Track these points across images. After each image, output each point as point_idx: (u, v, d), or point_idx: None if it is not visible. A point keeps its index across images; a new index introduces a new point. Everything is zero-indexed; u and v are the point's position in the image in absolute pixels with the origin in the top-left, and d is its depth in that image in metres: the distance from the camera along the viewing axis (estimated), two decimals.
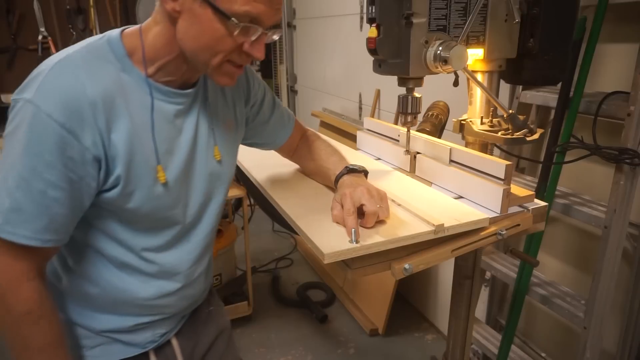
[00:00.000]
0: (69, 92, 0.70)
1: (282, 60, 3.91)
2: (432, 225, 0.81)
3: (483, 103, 1.08)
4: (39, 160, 0.69)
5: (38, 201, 0.70)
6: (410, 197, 0.95)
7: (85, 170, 0.73)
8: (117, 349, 0.90)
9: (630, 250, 1.40)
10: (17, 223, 0.70)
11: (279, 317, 2.52)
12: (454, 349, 1.23)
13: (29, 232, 0.71)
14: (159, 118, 0.79)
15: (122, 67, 0.76)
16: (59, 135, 0.69)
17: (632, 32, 1.34)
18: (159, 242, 0.86)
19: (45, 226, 0.72)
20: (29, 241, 0.71)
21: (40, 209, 0.71)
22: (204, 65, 0.77)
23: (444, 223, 0.81)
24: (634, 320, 1.42)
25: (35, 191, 0.70)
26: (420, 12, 0.87)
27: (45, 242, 0.73)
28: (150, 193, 0.80)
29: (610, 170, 1.30)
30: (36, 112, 0.68)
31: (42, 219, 0.71)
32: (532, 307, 1.81)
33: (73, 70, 0.72)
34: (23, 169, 0.69)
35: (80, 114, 0.70)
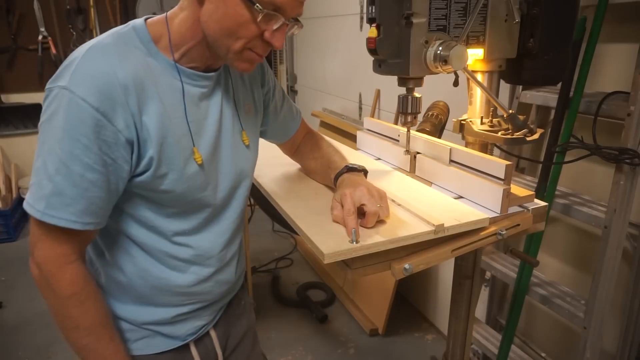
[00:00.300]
0: (101, 77, 0.72)
1: (282, 60, 3.91)
2: (432, 225, 0.81)
3: (483, 103, 1.08)
4: (76, 144, 0.71)
5: (78, 184, 0.72)
6: (410, 197, 0.95)
7: (118, 153, 0.74)
8: (159, 341, 0.93)
9: (630, 250, 1.40)
10: (59, 207, 0.72)
11: (279, 317, 2.52)
12: (454, 349, 1.23)
13: (70, 215, 0.73)
14: (187, 101, 0.82)
15: (149, 52, 0.79)
16: (93, 119, 0.71)
17: (632, 32, 1.34)
18: (190, 226, 0.87)
19: (85, 209, 0.74)
20: (71, 224, 0.73)
21: (79, 192, 0.73)
22: (225, 50, 0.78)
23: (444, 223, 0.81)
24: (634, 320, 1.42)
25: (74, 174, 0.72)
26: (420, 12, 0.87)
27: (85, 225, 0.75)
28: (183, 175, 0.81)
29: (610, 170, 1.30)
30: (71, 98, 0.70)
31: (82, 202, 0.73)
32: (532, 307, 1.81)
33: (104, 56, 0.74)
34: (62, 153, 0.71)
35: (112, 97, 0.72)
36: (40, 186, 0.73)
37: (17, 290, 2.81)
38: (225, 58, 0.80)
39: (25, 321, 2.51)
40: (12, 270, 2.99)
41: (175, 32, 0.80)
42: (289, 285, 2.83)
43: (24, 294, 2.76)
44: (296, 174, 1.15)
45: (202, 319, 0.97)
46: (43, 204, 0.72)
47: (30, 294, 2.73)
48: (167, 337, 0.93)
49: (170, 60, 0.80)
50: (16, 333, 2.42)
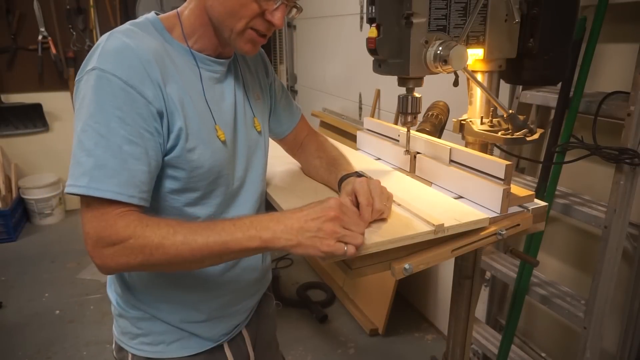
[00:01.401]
0: (127, 52, 0.75)
1: (282, 60, 3.91)
2: (432, 225, 0.81)
3: (483, 103, 1.08)
4: (111, 116, 0.73)
5: (118, 156, 0.73)
6: (410, 197, 0.95)
7: (152, 125, 0.76)
8: (194, 343, 0.94)
9: (630, 250, 1.40)
10: (102, 179, 0.72)
11: (279, 317, 2.51)
12: (454, 349, 1.23)
13: (115, 186, 0.72)
14: (204, 82, 0.86)
15: (164, 39, 0.84)
16: (125, 92, 0.73)
17: (632, 32, 1.34)
18: (214, 210, 0.89)
19: (127, 181, 0.74)
20: (116, 196, 0.73)
21: (120, 163, 0.73)
22: (229, 32, 0.82)
23: (444, 223, 0.81)
24: (634, 320, 1.42)
25: (114, 146, 0.73)
26: (420, 12, 0.87)
27: (130, 198, 0.74)
28: (211, 148, 0.84)
29: (610, 170, 1.30)
30: (101, 75, 0.73)
31: (124, 174, 0.73)
32: (532, 307, 1.81)
33: (126, 36, 0.78)
34: (99, 126, 0.72)
35: (139, 70, 0.75)
36: (80, 163, 0.73)
37: (17, 290, 2.81)
38: (230, 40, 0.84)
39: (25, 321, 2.50)
40: (12, 270, 2.99)
41: (186, 22, 0.85)
42: (289, 285, 2.83)
43: (24, 294, 2.76)
44: (295, 173, 1.15)
45: (236, 317, 0.99)
46: (86, 179, 0.72)
47: (30, 294, 2.73)
48: (202, 339, 0.95)
49: (185, 46, 0.85)
50: (16, 333, 2.42)
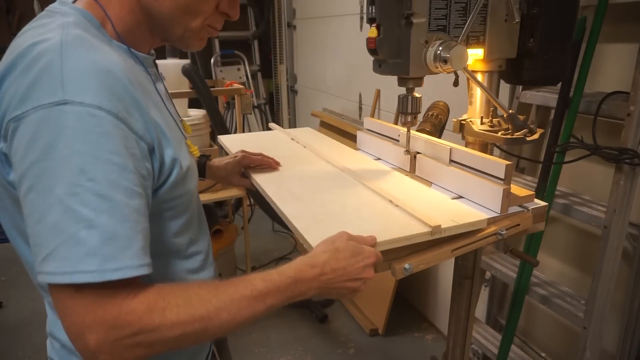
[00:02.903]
0: (104, 74, 0.58)
1: (282, 60, 3.91)
2: (428, 227, 0.81)
3: (483, 103, 1.08)
4: (109, 166, 0.56)
5: (127, 217, 0.56)
6: (407, 197, 0.94)
7: (145, 167, 0.61)
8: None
9: (630, 250, 1.40)
10: (117, 255, 0.55)
11: (279, 317, 2.52)
12: (454, 349, 1.23)
13: (132, 259, 0.56)
14: (159, 91, 0.75)
15: (105, 39, 0.67)
16: (118, 129, 0.57)
17: (632, 32, 1.34)
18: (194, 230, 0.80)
19: (143, 246, 0.58)
20: (137, 271, 0.57)
21: (132, 226, 0.57)
22: (182, 30, 0.71)
23: (441, 224, 0.81)
24: (634, 320, 1.41)
25: (120, 206, 0.56)
26: (420, 12, 0.87)
27: (149, 268, 0.59)
28: (193, 167, 0.77)
29: (610, 170, 1.30)
30: (81, 111, 0.55)
31: (138, 238, 0.58)
32: (532, 307, 1.81)
33: (86, 48, 0.60)
34: (95, 185, 0.55)
35: (123, 97, 0.59)
36: (78, 241, 0.54)
37: (17, 290, 2.81)
38: (180, 38, 0.73)
39: (25, 321, 2.51)
40: (12, 270, 3.00)
41: (116, 16, 0.68)
42: None
43: (24, 294, 2.76)
44: (293, 171, 1.15)
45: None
46: (96, 260, 0.54)
47: (30, 294, 2.73)
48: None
49: (124, 45, 0.70)
50: (16, 333, 2.42)
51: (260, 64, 4.18)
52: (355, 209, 0.91)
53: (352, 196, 0.97)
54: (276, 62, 3.99)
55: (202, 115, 2.37)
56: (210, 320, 0.60)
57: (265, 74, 4.19)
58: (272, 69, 4.11)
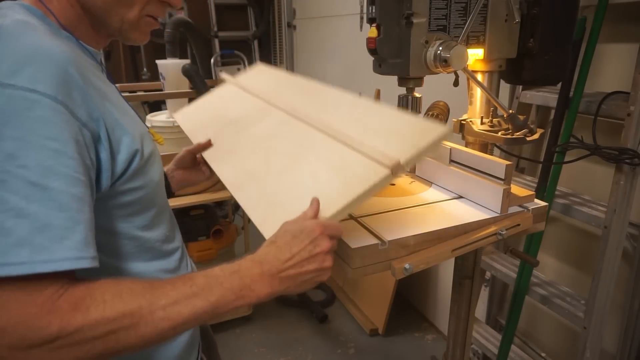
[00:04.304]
0: (44, 55, 0.55)
1: (282, 60, 3.91)
2: (386, 167, 0.71)
3: (483, 103, 1.08)
4: (43, 152, 0.52)
5: (65, 206, 0.53)
6: (365, 128, 0.83)
7: (88, 156, 0.58)
8: None
9: (630, 250, 1.40)
10: (50, 246, 0.51)
11: (279, 317, 2.52)
12: (454, 349, 1.23)
13: (70, 251, 0.52)
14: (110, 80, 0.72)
15: (50, 29, 0.65)
16: (57, 113, 0.54)
17: (632, 32, 1.34)
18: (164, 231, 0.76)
19: (85, 237, 0.54)
20: (75, 263, 0.53)
21: (70, 215, 0.53)
22: (118, 22, 0.68)
23: (401, 158, 0.70)
24: (634, 320, 1.42)
25: (56, 194, 0.52)
26: (420, 12, 0.88)
27: (92, 261, 0.55)
28: (157, 154, 0.73)
29: (610, 170, 1.30)
30: (12, 94, 0.52)
31: (78, 229, 0.54)
32: (532, 307, 1.81)
33: (28, 29, 0.58)
34: (26, 171, 0.51)
35: (66, 80, 0.56)
36: (4, 231, 0.49)
37: None
38: (121, 31, 0.69)
39: None
40: None
41: (57, 11, 0.66)
42: None
43: None
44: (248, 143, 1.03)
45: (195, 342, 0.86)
46: (25, 251, 0.50)
47: None
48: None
49: (72, 37, 0.67)
50: None
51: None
52: (312, 173, 0.82)
53: (308, 153, 0.88)
54: (276, 62, 3.99)
55: None
56: (142, 318, 0.54)
57: None
58: None
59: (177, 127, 2.24)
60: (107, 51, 4.04)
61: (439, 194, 1.00)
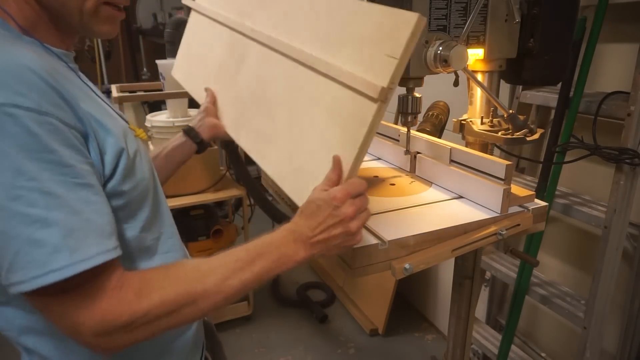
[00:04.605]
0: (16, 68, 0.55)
1: None
2: (374, 101, 0.66)
3: (483, 103, 1.08)
4: (42, 164, 0.53)
5: (76, 210, 0.55)
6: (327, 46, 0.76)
7: (85, 155, 0.59)
8: None
9: (630, 250, 1.40)
10: (81, 246, 0.55)
11: (279, 317, 2.52)
12: (454, 349, 1.23)
13: (99, 246, 0.56)
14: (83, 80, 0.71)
15: (13, 35, 0.63)
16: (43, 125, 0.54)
17: (632, 32, 1.34)
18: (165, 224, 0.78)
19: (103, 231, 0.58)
20: (105, 256, 0.57)
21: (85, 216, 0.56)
22: (77, 15, 0.65)
23: (383, 82, 0.64)
24: (634, 320, 1.42)
25: (66, 200, 0.54)
26: (420, 12, 0.87)
27: (115, 251, 0.59)
28: (142, 151, 0.72)
29: (610, 170, 1.30)
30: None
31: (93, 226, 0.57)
32: (532, 307, 1.81)
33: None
34: (38, 183, 0.53)
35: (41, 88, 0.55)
36: (39, 242, 0.52)
37: None
38: (81, 25, 0.67)
39: None
40: None
41: (15, 12, 0.64)
42: (289, 285, 2.83)
43: None
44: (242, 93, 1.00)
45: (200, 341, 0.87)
46: (64, 255, 0.53)
47: None
48: None
49: (36, 41, 0.65)
50: None
51: None
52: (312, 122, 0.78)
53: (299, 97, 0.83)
54: None
55: None
56: (199, 295, 0.62)
57: None
58: None
59: (177, 127, 2.24)
60: (107, 51, 4.05)
61: (439, 194, 1.00)
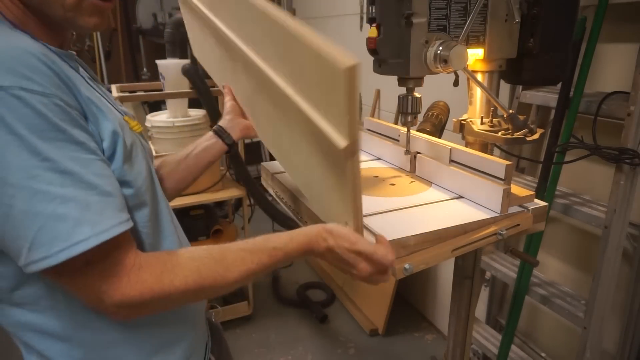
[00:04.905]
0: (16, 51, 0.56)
1: None
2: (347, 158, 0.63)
3: (483, 103, 1.08)
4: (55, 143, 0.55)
5: (91, 185, 0.58)
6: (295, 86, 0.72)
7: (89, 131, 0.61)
8: None
9: (630, 250, 1.40)
10: (99, 219, 0.57)
11: (279, 317, 2.52)
12: (454, 349, 1.23)
13: (114, 219, 0.59)
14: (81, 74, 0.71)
15: (7, 27, 0.64)
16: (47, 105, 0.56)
17: (632, 32, 1.34)
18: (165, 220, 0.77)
19: (117, 204, 0.60)
20: (122, 227, 0.60)
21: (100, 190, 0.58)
22: (60, 9, 0.64)
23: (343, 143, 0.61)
24: (634, 320, 1.42)
25: (81, 176, 0.57)
26: (420, 12, 0.87)
27: (128, 222, 0.61)
28: (138, 145, 0.72)
29: (610, 170, 1.30)
30: (2, 96, 0.53)
31: (109, 200, 0.59)
32: (532, 307, 1.81)
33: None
34: (51, 163, 0.55)
35: (44, 72, 0.57)
36: (60, 217, 0.55)
37: None
38: (65, 19, 0.66)
39: None
40: None
41: (5, 11, 0.64)
42: (289, 285, 2.83)
43: None
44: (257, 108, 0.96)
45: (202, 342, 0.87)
46: (87, 227, 0.56)
47: None
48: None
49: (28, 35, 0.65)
50: None
51: None
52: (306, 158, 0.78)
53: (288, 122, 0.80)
54: None
55: (202, 115, 2.37)
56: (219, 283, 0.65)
57: None
58: None
59: (177, 127, 2.24)
60: (107, 51, 4.05)
61: (439, 194, 1.00)
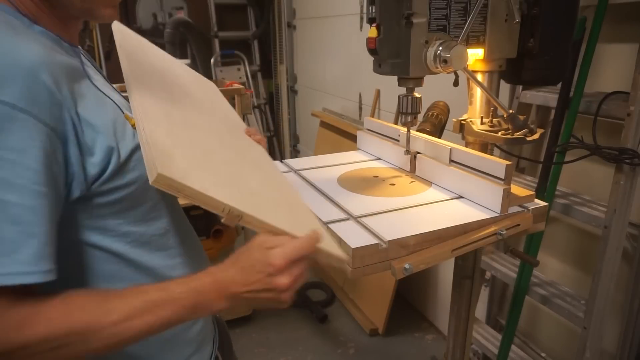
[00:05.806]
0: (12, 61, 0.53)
1: (282, 60, 3.91)
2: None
3: (483, 103, 1.08)
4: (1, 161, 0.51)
5: (17, 219, 0.51)
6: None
7: (58, 162, 0.57)
8: None
9: (630, 250, 1.40)
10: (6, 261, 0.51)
11: (279, 317, 2.52)
12: (454, 349, 1.23)
13: (23, 266, 0.51)
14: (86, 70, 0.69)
15: (25, 24, 0.63)
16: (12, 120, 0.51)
17: (632, 32, 1.34)
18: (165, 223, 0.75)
19: (38, 252, 0.53)
20: (24, 278, 0.52)
21: (24, 229, 0.52)
22: (78, 1, 0.64)
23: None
24: (634, 320, 1.41)
25: (9, 206, 0.51)
26: (420, 12, 0.87)
27: (46, 275, 0.54)
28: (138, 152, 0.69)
29: (610, 170, 1.30)
30: None
31: (32, 242, 0.52)
32: (532, 307, 1.81)
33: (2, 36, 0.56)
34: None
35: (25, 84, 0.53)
36: None
37: None
38: (82, 10, 0.65)
39: None
40: None
41: (19, 4, 0.63)
42: None
43: None
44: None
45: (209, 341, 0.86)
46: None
47: None
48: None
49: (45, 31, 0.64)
50: None
51: (260, 64, 4.18)
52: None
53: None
54: (276, 62, 3.99)
55: None
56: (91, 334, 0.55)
57: (265, 74, 4.19)
58: (272, 69, 4.11)
59: None
60: (107, 51, 4.04)
61: (439, 194, 1.00)
